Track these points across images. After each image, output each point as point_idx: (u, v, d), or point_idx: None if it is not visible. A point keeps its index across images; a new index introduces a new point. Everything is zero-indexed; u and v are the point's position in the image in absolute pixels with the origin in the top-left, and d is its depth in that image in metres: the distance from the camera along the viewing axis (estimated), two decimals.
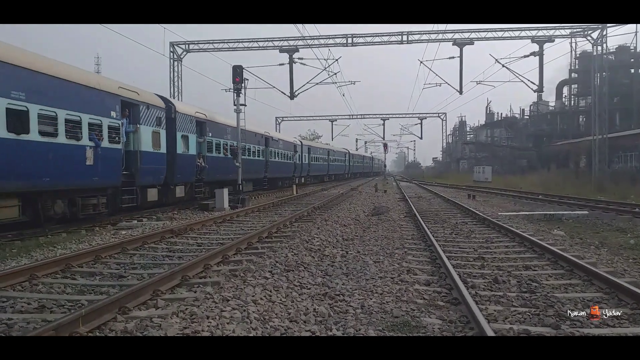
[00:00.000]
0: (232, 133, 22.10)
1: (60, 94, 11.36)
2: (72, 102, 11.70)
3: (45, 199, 11.39)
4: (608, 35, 29.52)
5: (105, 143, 12.96)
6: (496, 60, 31.33)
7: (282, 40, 31.05)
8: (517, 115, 70.83)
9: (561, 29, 29.32)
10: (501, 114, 74.42)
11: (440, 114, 65.94)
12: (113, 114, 13.52)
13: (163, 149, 16.40)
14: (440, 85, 36.65)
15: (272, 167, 30.68)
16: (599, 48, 29.90)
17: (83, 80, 12.44)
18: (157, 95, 17.09)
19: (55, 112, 11.10)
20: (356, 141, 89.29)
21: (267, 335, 4.48)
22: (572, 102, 58.76)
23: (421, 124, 67.63)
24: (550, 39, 29.65)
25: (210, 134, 20.82)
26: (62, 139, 11.24)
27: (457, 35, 29.92)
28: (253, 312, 5.01)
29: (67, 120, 11.42)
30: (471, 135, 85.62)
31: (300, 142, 41.49)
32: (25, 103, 10.25)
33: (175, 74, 31.09)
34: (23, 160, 10.33)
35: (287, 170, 35.83)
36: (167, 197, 17.50)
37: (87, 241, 10.49)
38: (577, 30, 29.74)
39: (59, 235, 11.29)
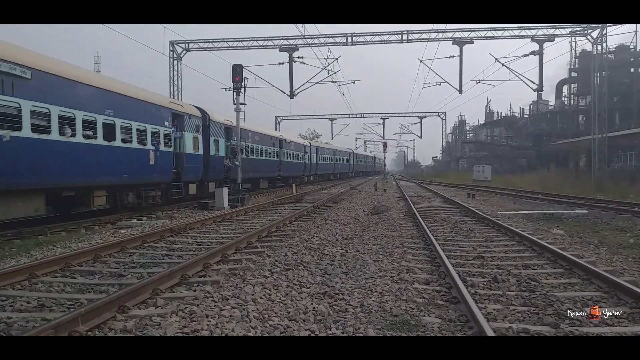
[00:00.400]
0: (252, 137, 26.30)
1: (133, 109, 14.91)
2: (140, 115, 15.15)
3: (122, 191, 14.87)
4: (608, 34, 29.56)
5: (161, 147, 16.29)
6: (496, 59, 31.38)
7: (282, 39, 31.05)
8: (516, 115, 70.90)
9: (561, 28, 29.33)
10: (501, 113, 74.53)
11: (440, 113, 65.93)
12: (166, 123, 17.01)
13: (200, 151, 19.78)
14: (440, 85, 36.68)
15: (285, 166, 34.04)
16: (599, 47, 29.90)
17: (146, 98, 15.98)
18: (195, 106, 20.52)
19: (130, 124, 14.66)
20: (356, 140, 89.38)
21: (267, 333, 4.48)
22: (572, 101, 58.79)
23: (421, 123, 67.67)
24: (550, 38, 29.67)
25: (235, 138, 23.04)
26: (134, 144, 14.77)
27: (457, 35, 29.94)
28: (252, 311, 5.01)
29: (137, 130, 14.91)
30: (471, 135, 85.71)
31: (309, 143, 44.60)
32: (113, 118, 13.67)
33: (175, 72, 31.08)
34: (112, 161, 13.77)
35: (298, 169, 39.10)
36: (202, 192, 20.41)
37: (87, 240, 10.49)
38: (577, 29, 29.74)
39: (59, 234, 11.29)
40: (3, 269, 6.78)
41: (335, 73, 35.56)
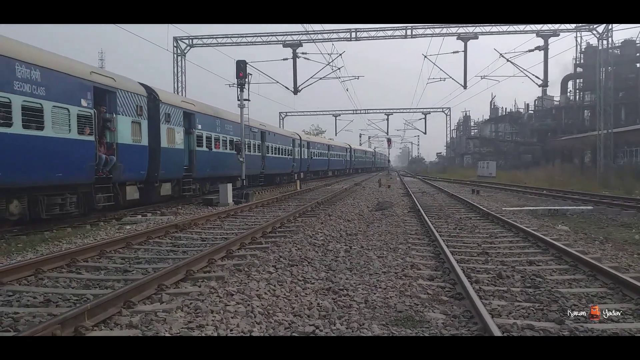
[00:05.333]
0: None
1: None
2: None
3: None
4: (614, 29, 29.31)
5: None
6: (501, 54, 31.22)
7: (286, 35, 30.98)
8: (521, 110, 70.59)
9: (566, 23, 29.12)
10: (505, 108, 74.26)
11: (444, 109, 65.72)
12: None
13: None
14: (444, 80, 36.60)
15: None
16: (605, 42, 29.68)
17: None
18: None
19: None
20: (360, 136, 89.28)
21: (272, 329, 4.50)
22: (577, 96, 58.44)
23: (425, 119, 67.45)
24: (555, 33, 29.48)
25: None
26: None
27: (461, 30, 29.76)
28: (257, 306, 5.03)
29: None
30: (475, 130, 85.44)
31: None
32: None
33: (179, 68, 31.08)
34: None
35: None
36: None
37: (92, 236, 10.55)
38: (583, 24, 29.53)
39: (64, 230, 11.35)
40: (9, 265, 6.83)
41: (339, 69, 35.53)
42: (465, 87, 32.42)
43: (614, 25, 28.86)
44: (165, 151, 16.39)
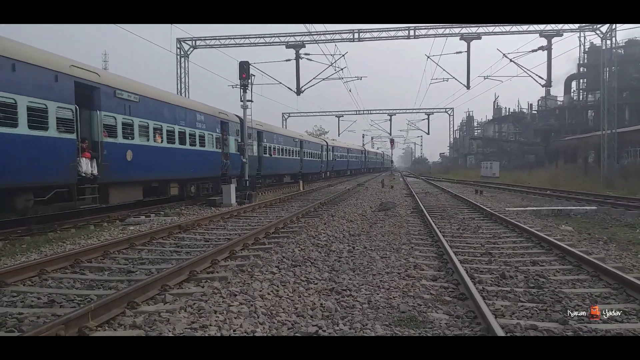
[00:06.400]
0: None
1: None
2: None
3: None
4: (617, 29, 29.21)
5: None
6: (504, 54, 31.14)
7: (289, 35, 31.01)
8: (525, 110, 70.36)
9: (570, 22, 29.03)
10: (509, 109, 73.97)
11: (447, 109, 65.62)
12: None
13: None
14: (447, 80, 36.60)
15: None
16: (608, 42, 29.60)
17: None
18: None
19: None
20: (363, 137, 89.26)
21: (275, 329, 4.50)
22: (581, 96, 58.24)
23: (428, 119, 67.26)
24: (559, 33, 29.40)
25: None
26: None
27: (464, 30, 29.72)
28: (260, 307, 5.04)
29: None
30: (478, 131, 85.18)
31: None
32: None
33: (182, 70, 31.14)
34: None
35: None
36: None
37: (96, 237, 10.58)
38: (586, 24, 29.44)
39: (68, 230, 11.40)
40: (14, 265, 6.86)
41: (342, 69, 35.53)
42: (468, 87, 32.35)
43: (618, 25, 28.78)
44: (239, 157, 23.39)
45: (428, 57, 33.66)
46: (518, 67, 30.98)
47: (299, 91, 32.60)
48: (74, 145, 11.74)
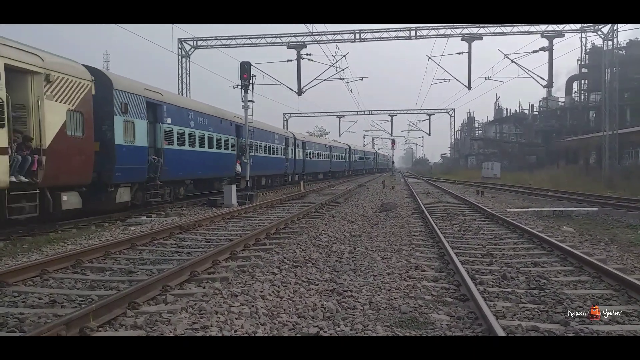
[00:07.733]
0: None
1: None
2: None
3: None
4: (619, 29, 29.23)
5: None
6: (505, 55, 31.16)
7: (290, 36, 31.05)
8: (526, 111, 70.33)
9: (571, 23, 29.02)
10: (510, 109, 73.96)
11: (448, 110, 65.54)
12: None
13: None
14: (448, 81, 36.64)
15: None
16: (610, 43, 29.58)
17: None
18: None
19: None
20: (364, 137, 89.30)
21: (276, 330, 4.50)
22: (582, 97, 58.18)
23: (429, 119, 67.25)
24: (560, 34, 29.40)
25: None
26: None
27: (465, 31, 29.74)
28: (261, 307, 5.03)
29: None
30: (480, 132, 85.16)
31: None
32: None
33: (184, 70, 31.17)
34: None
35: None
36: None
37: (97, 237, 10.58)
38: (588, 25, 29.43)
39: (69, 231, 11.41)
40: (15, 265, 6.87)
41: (343, 70, 35.56)
42: (469, 88, 32.38)
43: (619, 25, 28.77)
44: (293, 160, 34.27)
45: (429, 57, 33.74)
46: (519, 68, 31.01)
47: (300, 91, 32.63)
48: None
